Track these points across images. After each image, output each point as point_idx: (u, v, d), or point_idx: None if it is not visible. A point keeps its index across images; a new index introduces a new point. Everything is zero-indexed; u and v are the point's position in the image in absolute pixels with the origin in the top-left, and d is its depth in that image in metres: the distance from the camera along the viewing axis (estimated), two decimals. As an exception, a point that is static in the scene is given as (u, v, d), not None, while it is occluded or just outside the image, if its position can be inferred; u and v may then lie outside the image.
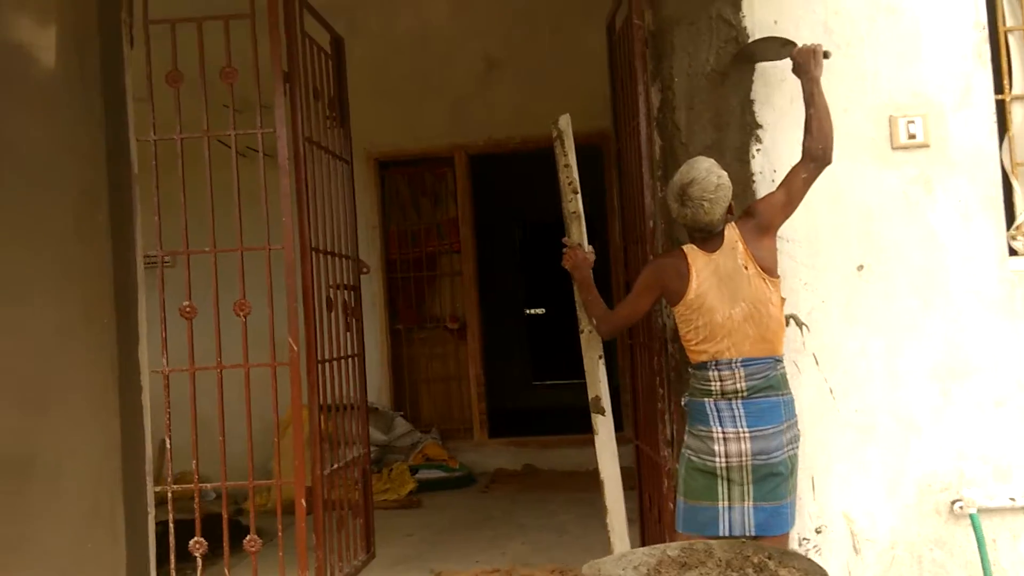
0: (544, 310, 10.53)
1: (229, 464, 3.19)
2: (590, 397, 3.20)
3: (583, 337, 3.18)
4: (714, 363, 2.60)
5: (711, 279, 2.61)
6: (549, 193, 3.30)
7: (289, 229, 3.17)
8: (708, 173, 2.59)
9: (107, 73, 3.06)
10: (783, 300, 2.69)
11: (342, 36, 3.94)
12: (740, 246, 2.61)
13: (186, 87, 3.22)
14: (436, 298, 6.52)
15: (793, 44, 2.86)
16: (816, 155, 2.66)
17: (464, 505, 5.28)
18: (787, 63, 2.87)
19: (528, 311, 10.36)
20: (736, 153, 3.03)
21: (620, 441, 3.27)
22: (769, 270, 2.62)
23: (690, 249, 2.67)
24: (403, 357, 6.43)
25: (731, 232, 2.64)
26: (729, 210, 2.64)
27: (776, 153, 3.02)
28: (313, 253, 3.37)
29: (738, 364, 2.58)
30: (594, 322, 2.98)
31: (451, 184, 6.35)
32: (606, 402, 3.19)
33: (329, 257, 3.58)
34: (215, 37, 3.23)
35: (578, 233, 3.17)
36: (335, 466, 3.56)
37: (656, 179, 3.18)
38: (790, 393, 2.65)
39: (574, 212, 3.19)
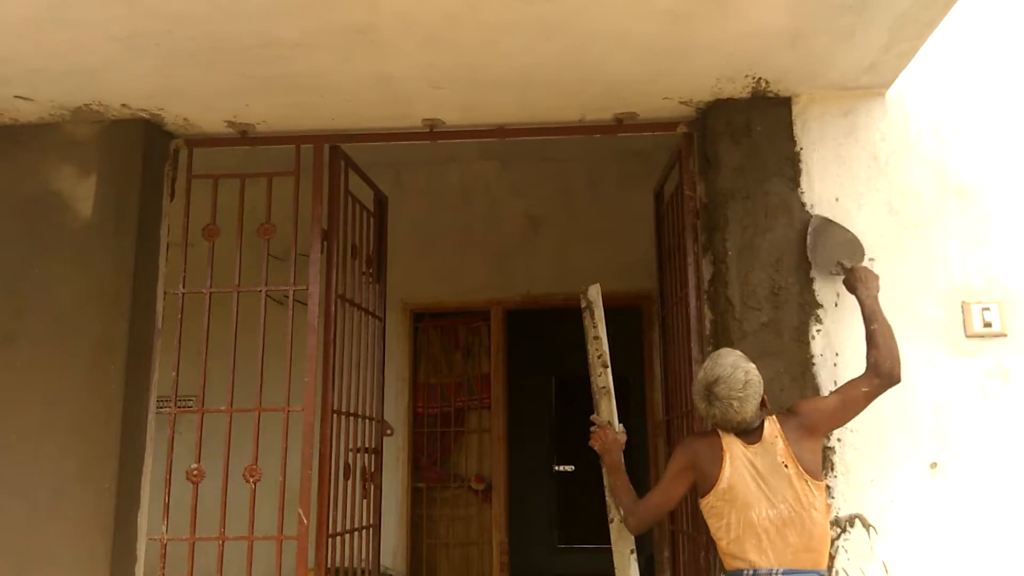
0: (573, 467, 10.07)
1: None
2: (623, 601, 2.85)
3: (612, 527, 2.87)
4: (751, 573, 2.30)
5: (746, 471, 2.37)
6: (583, 346, 3.13)
7: (312, 390, 2.99)
8: (734, 369, 2.39)
9: (144, 224, 3.01)
10: (828, 506, 2.43)
11: (386, 194, 3.91)
12: (780, 443, 2.39)
13: (227, 239, 3.16)
14: (462, 456, 6.21)
15: (850, 263, 2.75)
16: (883, 371, 2.48)
17: None
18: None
19: (556, 467, 9.89)
20: (794, 333, 2.85)
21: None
22: (812, 472, 2.38)
23: (725, 434, 2.43)
24: (423, 518, 6.05)
25: (771, 426, 2.42)
26: (763, 403, 2.42)
27: (837, 336, 2.84)
28: (334, 416, 3.17)
29: None
30: (621, 513, 2.69)
31: (485, 339, 6.20)
32: (642, 609, 2.83)
33: (351, 419, 3.37)
34: (258, 189, 3.20)
35: (608, 410, 2.92)
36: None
37: (705, 354, 3.01)
38: None
39: (603, 387, 2.96)
